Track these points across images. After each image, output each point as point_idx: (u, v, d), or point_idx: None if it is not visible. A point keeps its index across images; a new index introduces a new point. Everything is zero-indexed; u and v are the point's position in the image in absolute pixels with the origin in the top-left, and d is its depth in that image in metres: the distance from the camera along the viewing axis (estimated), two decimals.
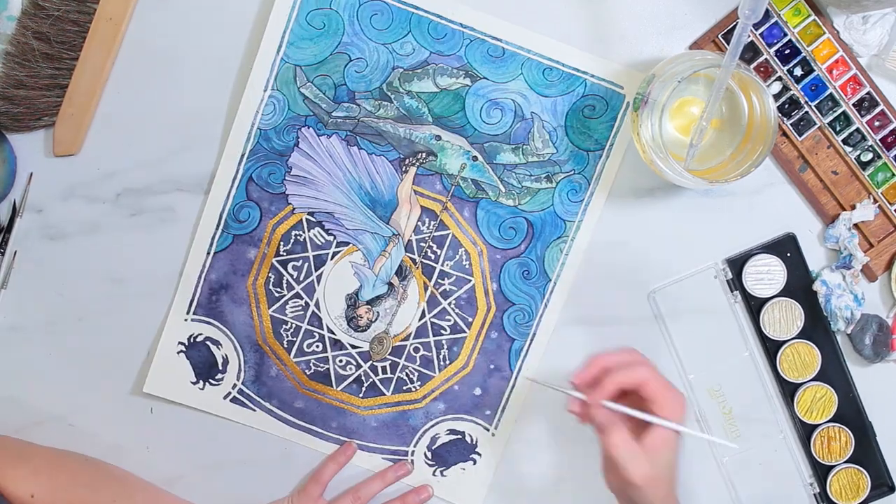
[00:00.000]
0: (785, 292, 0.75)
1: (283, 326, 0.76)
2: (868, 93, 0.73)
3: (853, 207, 0.74)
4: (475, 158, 0.74)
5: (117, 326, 0.76)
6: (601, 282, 0.76)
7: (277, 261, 0.75)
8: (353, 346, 0.76)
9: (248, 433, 0.77)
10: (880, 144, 0.74)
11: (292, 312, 0.76)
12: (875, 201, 0.74)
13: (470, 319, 0.76)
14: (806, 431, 0.77)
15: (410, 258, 0.75)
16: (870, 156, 0.74)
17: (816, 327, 0.76)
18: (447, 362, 0.76)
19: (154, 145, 0.74)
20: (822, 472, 0.77)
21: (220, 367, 0.76)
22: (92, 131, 0.74)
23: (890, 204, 0.75)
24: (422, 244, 0.75)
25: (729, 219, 0.75)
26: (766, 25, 0.72)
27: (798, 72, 0.73)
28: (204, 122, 0.74)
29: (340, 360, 0.76)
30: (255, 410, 0.77)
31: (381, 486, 0.76)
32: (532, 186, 0.74)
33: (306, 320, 0.76)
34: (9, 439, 0.72)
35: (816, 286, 0.74)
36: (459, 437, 0.77)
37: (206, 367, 0.76)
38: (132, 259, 0.76)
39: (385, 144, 0.74)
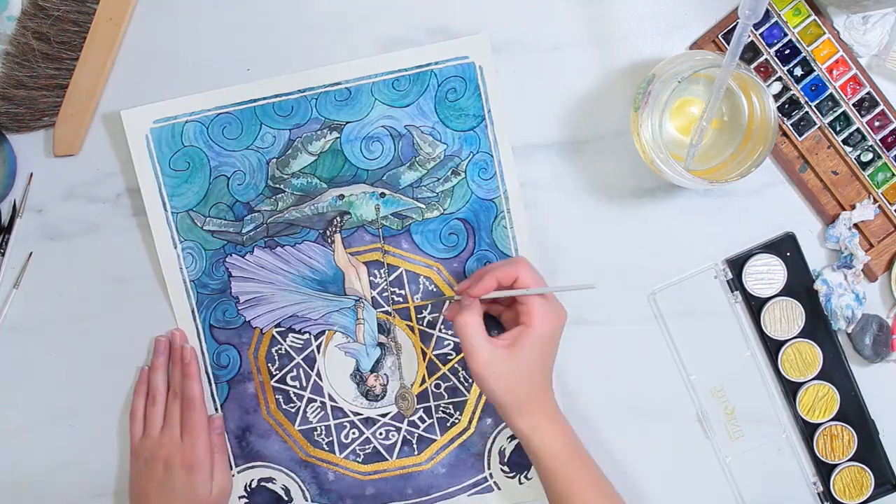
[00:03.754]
0: (785, 292, 0.75)
1: (315, 433, 0.77)
2: (868, 93, 0.73)
3: (853, 207, 0.74)
4: (383, 195, 0.74)
5: (117, 326, 0.76)
6: (601, 282, 0.76)
7: (275, 382, 0.76)
8: (384, 415, 0.77)
9: None
10: (880, 144, 0.74)
11: (315, 417, 0.77)
12: (875, 201, 0.74)
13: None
14: (808, 430, 0.77)
15: (384, 312, 0.76)
16: (870, 156, 0.74)
17: (817, 326, 0.76)
18: (471, 381, 0.77)
19: None
20: (825, 470, 0.77)
21: (287, 498, 0.77)
22: (92, 131, 0.74)
23: (890, 204, 0.75)
24: (384, 294, 0.76)
25: (729, 219, 0.75)
26: (766, 25, 0.73)
27: (798, 72, 0.73)
28: None
29: (381, 434, 0.77)
30: None
31: (164, 375, 0.76)
32: (446, 188, 0.74)
33: (331, 417, 0.77)
34: None
35: (817, 285, 0.74)
36: None
37: None
38: (132, 259, 0.75)
39: (301, 230, 0.75)
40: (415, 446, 0.77)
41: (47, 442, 0.77)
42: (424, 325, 0.76)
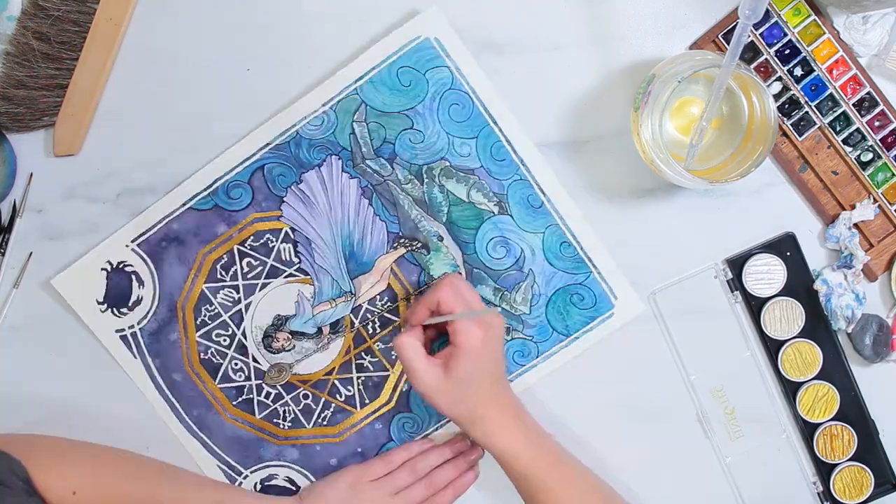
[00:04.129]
0: (785, 292, 0.75)
1: (206, 306, 0.75)
2: (868, 93, 0.73)
3: (853, 207, 0.74)
4: (459, 275, 0.74)
5: None
6: None
7: (239, 249, 0.75)
8: (255, 360, 0.76)
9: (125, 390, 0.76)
10: (880, 144, 0.74)
11: (222, 299, 0.75)
12: (875, 201, 0.74)
13: (367, 401, 0.77)
14: (808, 430, 0.77)
15: (352, 320, 0.76)
16: (870, 156, 0.74)
17: (817, 326, 0.76)
18: (323, 423, 0.77)
19: (154, 145, 0.74)
20: (825, 470, 0.77)
21: (129, 305, 0.75)
22: (92, 131, 0.74)
23: (890, 204, 0.75)
24: (368, 315, 0.75)
25: (729, 219, 0.75)
26: (766, 25, 0.73)
27: (798, 72, 0.73)
28: (206, 122, 0.74)
29: (236, 363, 0.76)
30: (135, 358, 0.76)
31: (440, 460, 0.75)
32: (515, 309, 0.75)
33: (229, 313, 0.75)
34: (48, 437, 0.71)
35: (817, 285, 0.74)
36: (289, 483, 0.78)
37: (118, 296, 0.75)
38: None
39: (393, 215, 0.74)
40: (239, 399, 0.76)
41: None
42: (356, 363, 0.76)
